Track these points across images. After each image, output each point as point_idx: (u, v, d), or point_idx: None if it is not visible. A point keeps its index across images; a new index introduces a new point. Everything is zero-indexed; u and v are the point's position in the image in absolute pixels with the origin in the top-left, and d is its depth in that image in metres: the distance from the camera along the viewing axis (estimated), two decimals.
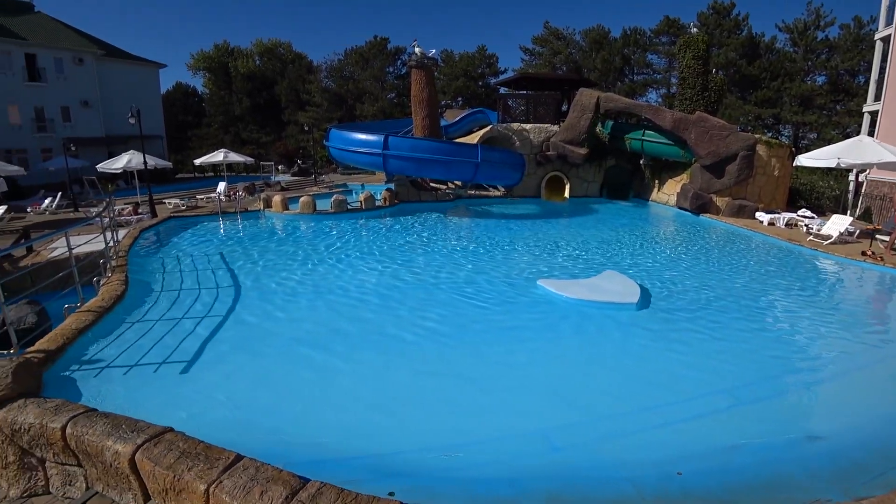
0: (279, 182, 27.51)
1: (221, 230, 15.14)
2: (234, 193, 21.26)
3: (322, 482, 2.98)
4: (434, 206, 18.90)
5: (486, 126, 22.76)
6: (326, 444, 4.46)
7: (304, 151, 45.82)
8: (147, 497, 3.37)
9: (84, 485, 3.72)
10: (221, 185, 20.90)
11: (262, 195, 18.28)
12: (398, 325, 7.46)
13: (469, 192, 20.97)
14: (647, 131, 19.99)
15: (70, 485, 3.78)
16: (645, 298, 8.61)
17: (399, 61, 48.51)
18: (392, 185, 19.57)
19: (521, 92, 27.01)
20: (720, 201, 17.53)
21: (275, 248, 12.55)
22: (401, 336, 7.10)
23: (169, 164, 27.26)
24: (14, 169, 21.84)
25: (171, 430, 3.57)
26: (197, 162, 27.61)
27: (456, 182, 21.93)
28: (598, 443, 4.70)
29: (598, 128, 22.23)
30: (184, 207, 18.98)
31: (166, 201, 19.95)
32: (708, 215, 17.45)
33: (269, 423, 4.81)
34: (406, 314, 7.94)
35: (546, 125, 22.17)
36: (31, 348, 5.69)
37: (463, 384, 5.78)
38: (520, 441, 4.64)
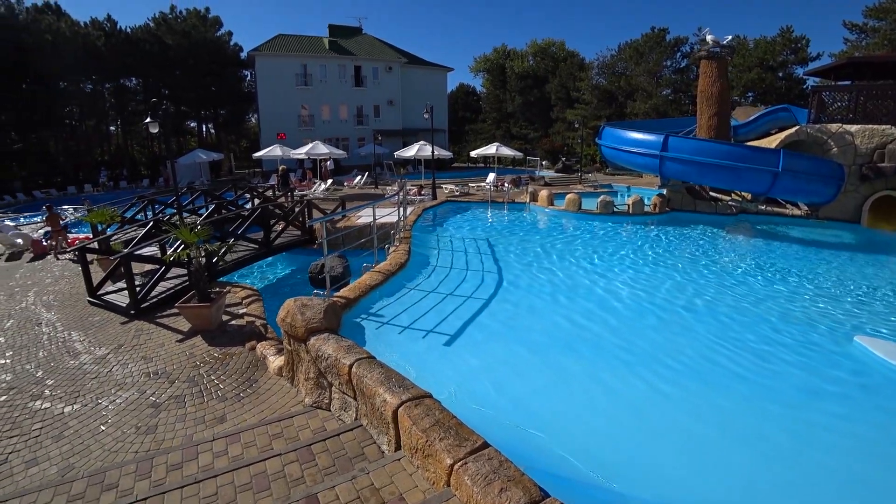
0: (543, 177, 28.31)
1: (489, 218, 16.28)
2: (502, 184, 22.63)
3: None
4: (711, 219, 16.34)
5: (791, 127, 18.63)
6: (570, 462, 4.16)
7: (568, 149, 46.09)
8: (398, 447, 3.70)
9: (354, 415, 4.33)
10: (491, 176, 22.54)
11: (529, 188, 18.96)
12: (665, 352, 6.46)
13: (759, 206, 17.50)
14: None
15: (345, 410, 4.46)
16: None
17: (679, 53, 43.58)
18: (664, 191, 17.80)
19: (843, 83, 21.03)
20: None
21: (538, 241, 12.83)
22: (668, 364, 6.09)
23: (450, 154, 30.84)
24: (339, 153, 28.01)
25: (430, 396, 3.84)
26: (472, 153, 30.47)
27: (743, 193, 18.64)
28: None
29: None
30: (458, 193, 21.13)
31: (444, 186, 22.55)
32: None
33: (516, 417, 4.78)
34: (671, 342, 6.78)
35: (882, 127, 16.65)
36: (337, 294, 6.97)
37: (748, 446, 4.65)
38: None
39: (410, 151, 25.88)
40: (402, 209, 11.63)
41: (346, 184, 27.87)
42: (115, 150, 46.02)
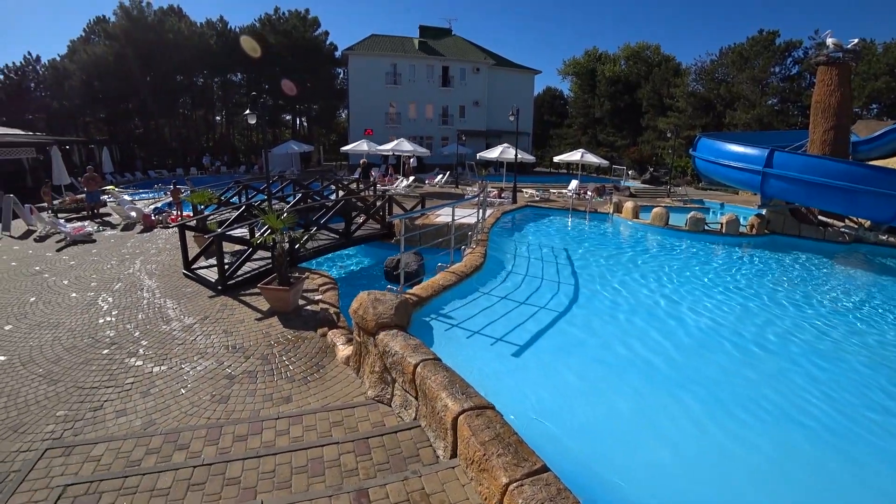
0: (628, 187, 27.06)
1: (569, 226, 15.75)
2: (584, 192, 21.90)
3: None
4: (818, 247, 14.51)
5: None
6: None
7: (657, 159, 43.76)
8: (454, 455, 3.58)
9: (414, 414, 4.27)
10: (574, 183, 21.85)
11: (613, 199, 18.17)
12: (748, 389, 5.74)
13: (880, 236, 15.36)
14: None
15: (405, 408, 4.41)
16: None
17: (790, 59, 39.52)
18: (763, 211, 16.22)
19: None
20: None
21: (619, 255, 12.17)
22: (759, 404, 5.39)
23: (532, 158, 30.33)
24: (423, 151, 28.46)
25: (493, 407, 3.68)
26: (556, 159, 29.79)
27: (861, 220, 16.52)
28: None
29: None
30: (538, 198, 20.70)
31: (524, 190, 22.20)
32: None
33: (580, 443, 4.49)
34: (755, 386, 5.94)
35: None
36: (410, 291, 6.97)
37: None
38: None
39: (493, 153, 25.80)
40: (481, 211, 11.54)
41: (427, 182, 28.32)
42: (218, 137, 50.17)
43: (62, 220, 15.07)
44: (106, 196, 18.79)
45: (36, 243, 12.94)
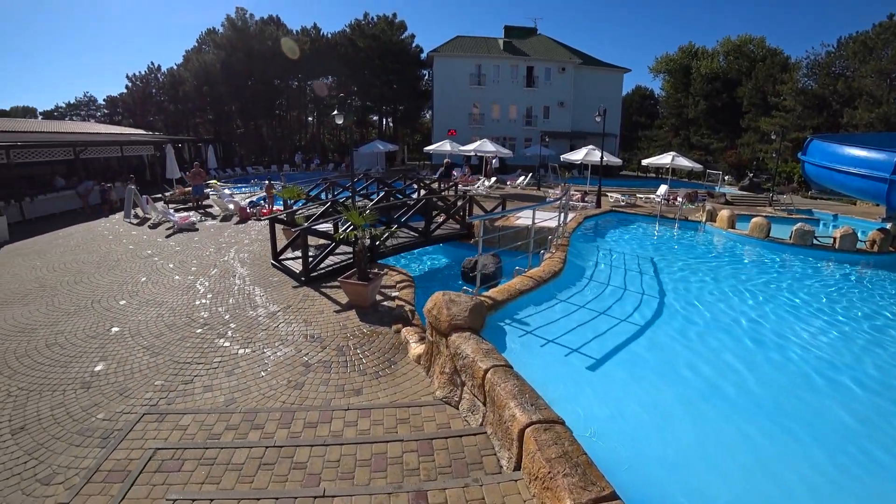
0: (724, 194, 25.03)
1: (656, 234, 14.82)
2: (674, 198, 20.59)
3: None
4: None
5: None
6: None
7: (758, 164, 40.12)
8: (517, 467, 3.42)
9: (481, 420, 4.16)
10: (663, 188, 20.63)
11: (706, 206, 16.87)
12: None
13: None
14: None
15: (472, 413, 4.31)
16: None
17: None
18: (888, 225, 14.23)
19: None
20: None
21: (712, 268, 11.17)
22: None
23: (619, 161, 29.01)
24: (506, 152, 28.16)
25: (563, 423, 3.48)
26: (644, 162, 28.25)
27: None
28: None
29: None
30: (623, 203, 19.76)
31: (609, 194, 21.28)
32: None
33: (656, 473, 4.10)
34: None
35: None
36: (486, 293, 6.84)
37: None
38: None
39: (577, 155, 24.96)
40: (562, 215, 11.17)
41: (508, 183, 28.07)
42: (310, 137, 53.13)
43: (171, 210, 16.66)
44: (209, 189, 20.51)
45: (150, 230, 14.39)
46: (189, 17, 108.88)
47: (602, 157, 20.90)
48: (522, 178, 28.48)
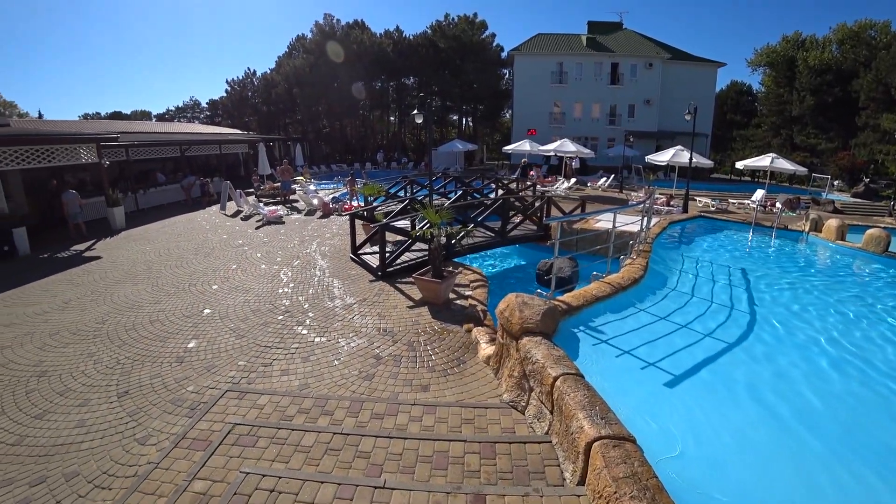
0: (832, 201, 22.47)
1: (750, 243, 13.62)
2: (772, 204, 18.89)
3: None
4: None
5: None
6: None
7: (877, 167, 35.60)
8: (581, 482, 3.27)
9: (546, 428, 4.02)
10: (759, 193, 19.01)
11: (810, 214, 15.26)
12: None
13: None
14: None
15: (538, 420, 4.18)
16: None
17: None
18: None
19: None
20: None
21: (815, 285, 9.74)
22: None
23: (710, 163, 27.06)
24: (587, 152, 27.29)
25: (634, 441, 3.28)
26: (738, 164, 26.14)
27: None
28: None
29: None
30: (713, 208, 18.44)
31: (697, 199, 19.95)
32: None
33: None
34: None
35: None
36: (560, 298, 6.64)
37: None
38: None
39: (664, 156, 23.57)
40: (645, 219, 10.58)
41: (589, 184, 27.18)
42: (391, 136, 54.68)
43: (261, 204, 17.85)
44: (295, 185, 21.74)
45: (242, 221, 15.52)
46: (283, 25, 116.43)
47: (691, 159, 19.60)
48: (604, 179, 27.42)
